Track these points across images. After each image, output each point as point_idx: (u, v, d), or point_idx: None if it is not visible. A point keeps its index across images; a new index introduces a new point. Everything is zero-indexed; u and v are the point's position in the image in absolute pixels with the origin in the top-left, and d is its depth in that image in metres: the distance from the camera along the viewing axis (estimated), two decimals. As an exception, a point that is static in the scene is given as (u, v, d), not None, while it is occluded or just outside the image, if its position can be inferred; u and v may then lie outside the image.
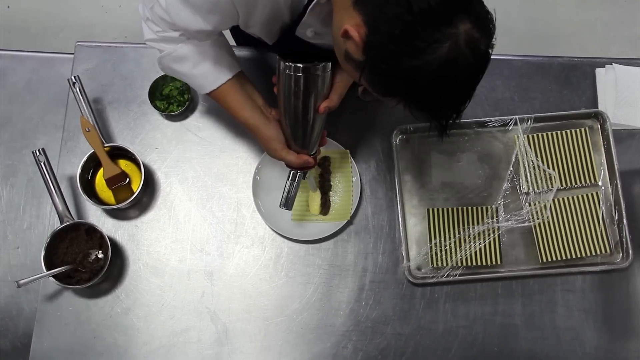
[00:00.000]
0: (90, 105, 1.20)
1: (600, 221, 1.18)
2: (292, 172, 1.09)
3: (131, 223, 1.22)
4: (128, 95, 1.28)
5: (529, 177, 1.21)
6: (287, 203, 1.10)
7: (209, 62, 1.03)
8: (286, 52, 0.97)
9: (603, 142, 1.23)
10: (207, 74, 1.03)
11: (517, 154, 1.22)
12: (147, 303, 1.18)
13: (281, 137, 1.05)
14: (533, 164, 1.21)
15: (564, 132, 1.23)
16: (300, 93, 0.96)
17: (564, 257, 1.17)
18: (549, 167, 1.21)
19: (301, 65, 0.94)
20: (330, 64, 0.96)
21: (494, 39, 0.72)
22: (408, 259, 1.17)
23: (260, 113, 1.06)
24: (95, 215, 1.22)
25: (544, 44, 2.25)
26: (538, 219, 1.19)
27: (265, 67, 1.29)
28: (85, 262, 1.16)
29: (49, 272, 1.11)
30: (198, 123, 1.27)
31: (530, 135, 1.23)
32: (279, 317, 1.17)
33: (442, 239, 1.18)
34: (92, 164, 1.21)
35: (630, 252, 1.16)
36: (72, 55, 1.30)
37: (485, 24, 0.71)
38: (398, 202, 1.20)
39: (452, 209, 1.20)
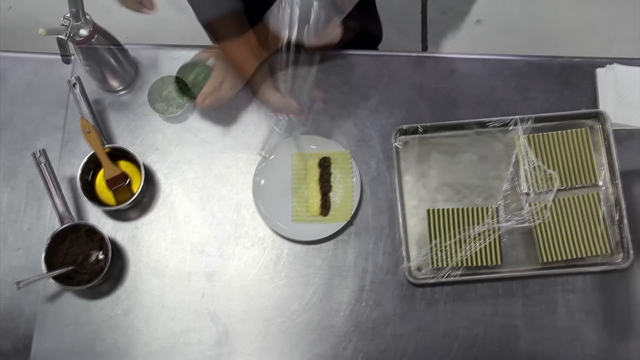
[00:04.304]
0: (90, 107, 1.21)
1: (601, 221, 1.18)
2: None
3: (131, 224, 1.22)
4: (128, 96, 1.28)
5: (529, 178, 1.21)
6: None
7: None
8: None
9: (603, 142, 1.23)
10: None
11: (517, 155, 1.22)
12: (147, 304, 1.18)
13: (267, 77, 1.06)
14: (533, 164, 1.21)
15: (564, 132, 1.22)
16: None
17: (564, 258, 1.16)
18: (549, 168, 1.21)
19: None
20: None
21: None
22: (408, 260, 1.17)
23: (251, 51, 1.06)
24: (95, 217, 1.22)
25: (544, 43, 2.25)
26: (538, 219, 1.18)
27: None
28: (86, 263, 1.16)
29: (49, 273, 1.11)
30: (198, 124, 1.27)
31: (530, 136, 1.22)
32: (279, 318, 1.17)
33: (443, 240, 1.18)
34: (92, 165, 1.21)
35: (631, 252, 1.16)
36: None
37: None
38: (398, 203, 1.20)
39: (453, 210, 1.19)
